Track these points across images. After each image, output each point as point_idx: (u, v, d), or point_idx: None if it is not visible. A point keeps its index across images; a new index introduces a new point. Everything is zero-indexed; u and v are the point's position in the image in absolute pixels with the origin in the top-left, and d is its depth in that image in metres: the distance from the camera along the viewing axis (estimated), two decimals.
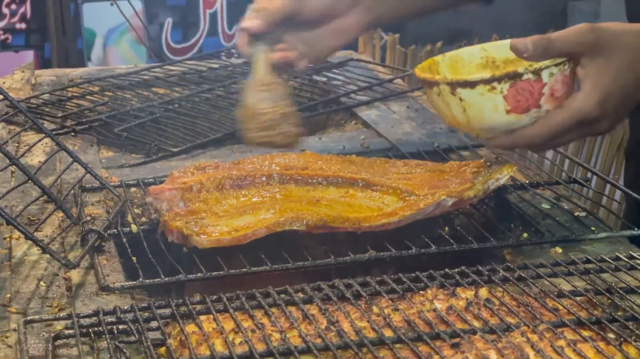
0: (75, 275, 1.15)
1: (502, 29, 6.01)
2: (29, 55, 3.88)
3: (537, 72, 1.13)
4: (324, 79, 1.90)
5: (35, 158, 1.54)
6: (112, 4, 3.90)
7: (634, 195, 1.35)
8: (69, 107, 1.77)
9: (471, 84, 1.15)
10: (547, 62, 1.14)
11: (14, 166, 1.25)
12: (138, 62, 3.96)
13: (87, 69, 2.09)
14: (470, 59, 1.30)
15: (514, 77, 1.13)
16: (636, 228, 1.26)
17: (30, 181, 1.25)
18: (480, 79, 1.15)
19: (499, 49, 1.28)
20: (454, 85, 1.16)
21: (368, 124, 1.69)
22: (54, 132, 1.62)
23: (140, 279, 1.13)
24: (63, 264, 1.14)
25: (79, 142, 1.63)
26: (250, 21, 1.39)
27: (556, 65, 1.14)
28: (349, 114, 1.77)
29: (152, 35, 4.00)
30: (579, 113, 1.14)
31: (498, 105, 1.15)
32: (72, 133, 1.66)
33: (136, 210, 1.37)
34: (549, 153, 1.61)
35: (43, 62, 3.91)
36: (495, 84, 1.13)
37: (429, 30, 5.32)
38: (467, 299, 1.01)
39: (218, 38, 4.05)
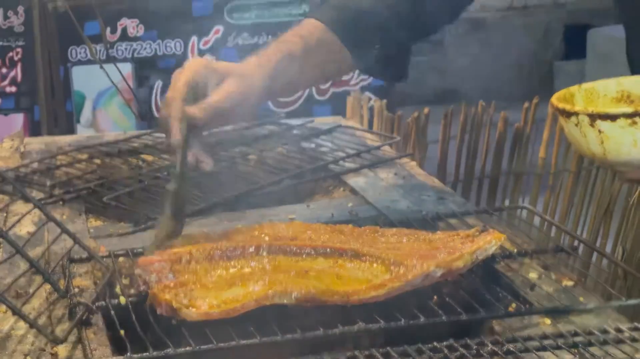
0: (62, 350, 1.14)
1: (489, 89, 6.08)
2: (18, 118, 3.89)
3: None
4: (312, 146, 1.92)
5: (24, 228, 1.54)
6: (100, 67, 3.92)
7: (622, 265, 1.36)
8: (58, 176, 1.77)
9: (612, 117, 1.15)
10: None
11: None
12: (128, 125, 3.97)
13: (75, 137, 2.10)
14: (605, 92, 1.31)
15: None
16: (624, 298, 1.26)
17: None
18: (622, 113, 1.15)
19: (636, 84, 1.30)
20: (595, 116, 1.16)
21: (356, 191, 1.70)
22: (42, 201, 1.63)
23: (128, 354, 1.12)
24: (50, 339, 1.13)
25: (67, 211, 1.63)
26: (196, 111, 1.33)
27: None
28: (337, 181, 1.77)
29: (142, 98, 4.01)
30: None
31: (637, 140, 1.15)
32: (61, 202, 1.66)
33: (124, 281, 1.37)
34: (536, 219, 1.62)
35: (33, 125, 3.92)
36: (637, 119, 1.14)
37: (417, 91, 5.37)
38: None
39: None
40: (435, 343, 1.08)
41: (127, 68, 4.00)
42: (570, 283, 1.31)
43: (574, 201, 2.19)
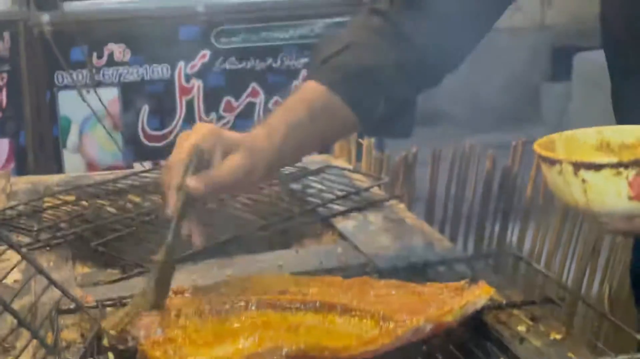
0: None
1: (477, 108, 6.11)
2: (3, 144, 3.88)
3: None
4: (301, 187, 1.91)
5: (11, 275, 1.53)
6: (88, 92, 3.92)
7: (608, 316, 1.36)
8: (45, 219, 1.76)
9: (597, 167, 1.15)
10: None
11: None
12: (114, 149, 3.96)
13: (62, 176, 2.09)
14: (584, 140, 1.31)
15: None
16: (613, 354, 1.26)
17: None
18: (607, 163, 1.15)
19: (615, 133, 1.30)
20: (579, 165, 1.16)
21: (345, 236, 1.69)
22: (28, 247, 1.62)
23: None
24: None
25: (54, 257, 1.62)
26: (197, 184, 1.27)
27: None
28: (326, 224, 1.77)
29: (129, 122, 4.01)
30: None
31: (621, 191, 1.14)
32: (47, 248, 1.65)
33: (112, 331, 1.36)
34: (522, 267, 1.62)
35: (18, 150, 3.91)
36: (621, 169, 1.13)
37: None
38: None
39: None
40: None
41: (113, 93, 4.00)
42: (558, 336, 1.32)
43: (562, 239, 2.19)
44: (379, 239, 1.67)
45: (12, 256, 1.55)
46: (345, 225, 1.75)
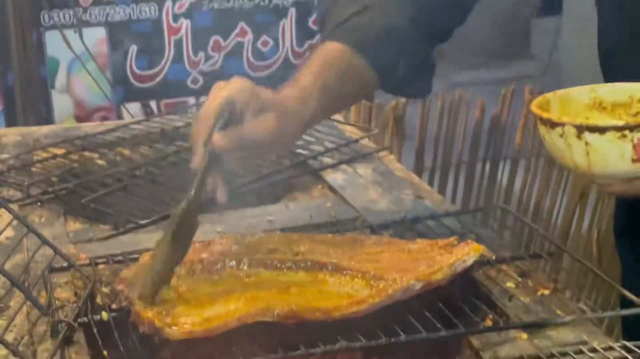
0: None
1: (466, 45, 6.06)
2: None
3: None
4: None
5: (3, 232, 1.53)
6: (75, 32, 3.89)
7: (595, 270, 1.38)
8: (35, 172, 1.76)
9: (601, 130, 1.15)
10: None
11: None
12: (100, 92, 3.93)
13: (52, 128, 2.08)
14: (578, 99, 1.31)
15: None
16: (600, 311, 1.28)
17: None
18: (612, 126, 1.15)
19: (608, 92, 1.31)
20: (582, 128, 1.16)
21: (335, 189, 1.70)
22: (20, 203, 1.63)
23: None
24: None
25: (46, 213, 1.63)
26: (223, 140, 1.24)
27: None
28: (316, 177, 1.78)
29: (117, 62, 3.98)
30: None
31: (625, 154, 1.15)
32: (38, 203, 1.65)
33: (105, 289, 1.37)
34: (510, 219, 1.63)
35: (6, 90, 3.89)
36: (626, 132, 1.14)
37: None
38: None
39: (183, 65, 4.02)
40: None
41: (100, 33, 3.96)
42: (546, 292, 1.34)
43: (550, 183, 2.21)
44: (368, 192, 1.68)
45: (4, 212, 1.55)
46: (335, 177, 1.75)
